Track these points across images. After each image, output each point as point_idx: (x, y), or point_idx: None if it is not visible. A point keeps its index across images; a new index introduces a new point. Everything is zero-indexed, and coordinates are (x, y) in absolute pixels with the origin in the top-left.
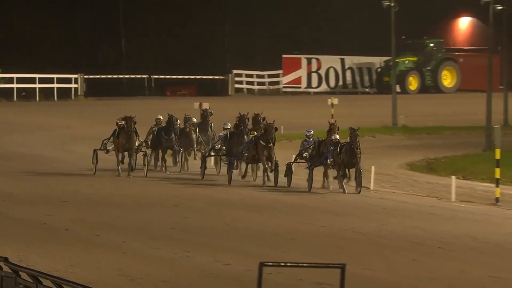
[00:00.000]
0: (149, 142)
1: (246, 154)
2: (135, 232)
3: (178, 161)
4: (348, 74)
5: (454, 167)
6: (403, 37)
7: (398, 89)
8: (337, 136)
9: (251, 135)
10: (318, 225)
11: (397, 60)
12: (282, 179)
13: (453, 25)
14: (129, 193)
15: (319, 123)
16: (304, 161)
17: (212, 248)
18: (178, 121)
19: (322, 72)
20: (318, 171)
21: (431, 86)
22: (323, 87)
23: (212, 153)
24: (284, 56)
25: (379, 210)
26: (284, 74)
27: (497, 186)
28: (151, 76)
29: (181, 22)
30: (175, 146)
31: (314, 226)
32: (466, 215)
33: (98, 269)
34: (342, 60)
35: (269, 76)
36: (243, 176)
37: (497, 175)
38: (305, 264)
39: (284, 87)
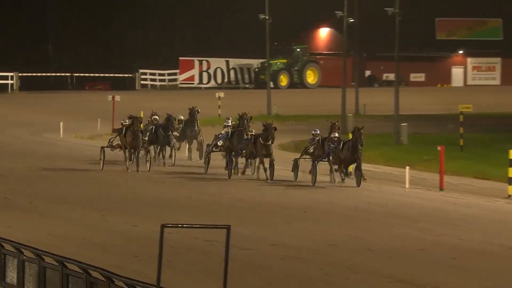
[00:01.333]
0: (146, 139)
1: (244, 151)
2: (61, 201)
3: (172, 156)
4: (232, 73)
5: None
6: (276, 43)
7: (271, 85)
8: (337, 134)
9: (250, 133)
10: (208, 194)
11: (270, 62)
12: (277, 174)
13: (315, 34)
14: (59, 167)
15: (209, 112)
16: (309, 157)
17: (124, 214)
18: (177, 119)
19: (211, 71)
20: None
21: (298, 83)
22: (212, 83)
23: (215, 150)
24: (180, 58)
25: (258, 182)
26: (180, 73)
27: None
28: (73, 74)
29: (99, 29)
30: (172, 142)
31: (206, 195)
32: (326, 184)
33: (30, 230)
34: (227, 62)
35: (169, 74)
36: (243, 172)
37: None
38: (197, 225)
39: (180, 83)
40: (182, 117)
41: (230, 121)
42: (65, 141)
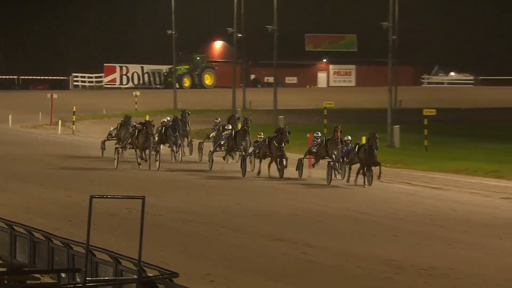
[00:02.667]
0: (156, 139)
1: (258, 151)
2: (14, 178)
3: (178, 153)
4: (146, 76)
5: None
6: (180, 53)
7: (177, 86)
8: (349, 137)
9: (259, 136)
10: (132, 173)
11: (176, 67)
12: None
13: (211, 46)
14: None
15: (127, 107)
16: (313, 156)
17: (62, 188)
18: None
19: (129, 75)
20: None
21: (197, 84)
22: (130, 84)
23: (218, 149)
24: (105, 64)
25: (172, 165)
26: (105, 76)
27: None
28: (19, 76)
29: (41, 39)
30: (178, 141)
31: (129, 173)
32: (220, 161)
33: None
34: (142, 67)
35: (96, 77)
36: (258, 173)
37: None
38: (119, 196)
39: (105, 84)
40: (169, 118)
41: (230, 125)
42: (13, 130)
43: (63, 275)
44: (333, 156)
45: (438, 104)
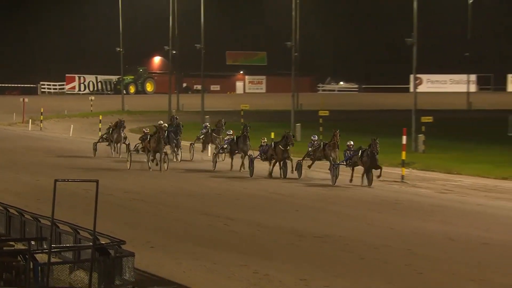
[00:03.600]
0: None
1: (264, 155)
2: None
3: (178, 154)
4: (99, 84)
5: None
6: (127, 66)
7: (124, 92)
8: (352, 142)
9: (263, 141)
10: (89, 160)
11: (123, 77)
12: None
13: (152, 60)
14: None
15: (85, 109)
16: (310, 159)
17: (32, 173)
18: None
19: (86, 83)
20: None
21: (141, 91)
22: (86, 91)
23: (221, 151)
24: (67, 75)
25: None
26: (66, 84)
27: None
28: None
29: (15, 53)
30: (180, 144)
31: (86, 160)
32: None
33: None
34: (96, 77)
35: (59, 85)
36: (270, 174)
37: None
38: (78, 180)
39: (66, 91)
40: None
41: (231, 131)
42: None
43: (33, 242)
44: (331, 158)
45: (330, 107)
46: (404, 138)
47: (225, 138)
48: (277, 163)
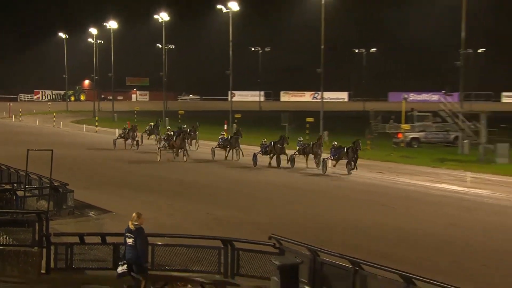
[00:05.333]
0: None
1: (262, 150)
2: None
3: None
4: (54, 95)
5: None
6: (77, 87)
7: (68, 100)
8: (336, 142)
9: (264, 141)
10: (110, 151)
11: (68, 91)
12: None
13: (84, 81)
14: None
15: (45, 109)
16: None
17: (12, 145)
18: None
19: (46, 94)
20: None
21: (77, 99)
22: (46, 99)
23: (217, 147)
24: (35, 90)
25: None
26: (35, 95)
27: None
28: None
29: (2, 74)
30: (187, 144)
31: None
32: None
33: None
34: (52, 92)
35: (30, 96)
36: (269, 164)
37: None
38: (38, 149)
39: (35, 99)
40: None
41: (223, 133)
42: None
43: (15, 184)
44: (318, 153)
45: (185, 109)
46: (226, 126)
47: (220, 137)
48: (274, 156)
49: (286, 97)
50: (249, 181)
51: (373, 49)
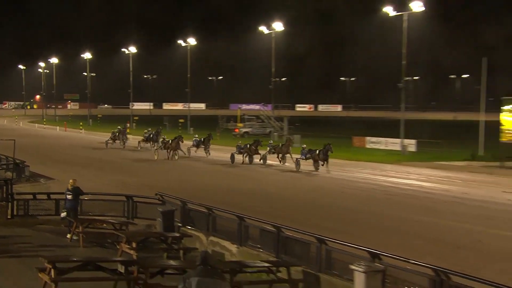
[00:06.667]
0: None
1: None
2: None
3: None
4: (16, 105)
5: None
6: (26, 99)
7: (25, 108)
8: (305, 145)
9: (240, 143)
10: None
11: (25, 103)
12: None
13: (36, 96)
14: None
15: (11, 114)
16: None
17: None
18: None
19: (11, 105)
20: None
21: (31, 108)
22: (11, 107)
23: (193, 147)
24: (3, 101)
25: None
26: (3, 105)
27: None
28: None
29: None
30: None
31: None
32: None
33: None
34: (15, 103)
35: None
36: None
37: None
38: (6, 139)
39: (2, 107)
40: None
41: (196, 136)
42: None
43: None
44: (286, 154)
45: (103, 113)
46: (128, 124)
47: (193, 139)
48: (247, 156)
49: (167, 106)
50: (184, 165)
51: (220, 77)
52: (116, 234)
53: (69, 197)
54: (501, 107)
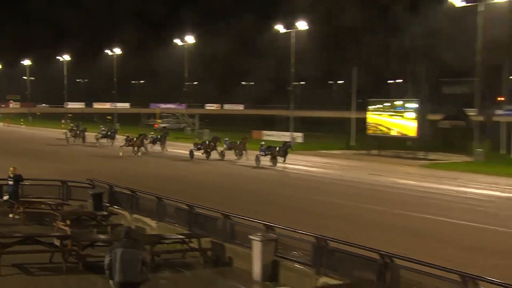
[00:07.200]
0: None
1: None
2: None
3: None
4: None
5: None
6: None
7: None
8: (263, 143)
9: (201, 139)
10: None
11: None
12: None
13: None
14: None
15: None
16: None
17: None
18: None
19: None
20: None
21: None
22: None
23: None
24: None
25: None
26: None
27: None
28: None
29: None
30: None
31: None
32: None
33: None
34: None
35: None
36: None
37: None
38: None
39: None
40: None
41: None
42: None
43: None
44: (243, 151)
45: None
46: (63, 120)
47: (150, 136)
48: (206, 152)
49: (97, 105)
50: (127, 157)
51: (142, 81)
52: (53, 213)
53: (10, 182)
54: (368, 107)
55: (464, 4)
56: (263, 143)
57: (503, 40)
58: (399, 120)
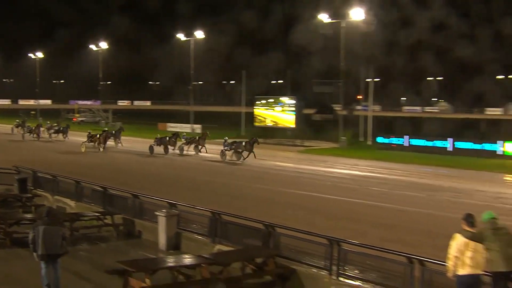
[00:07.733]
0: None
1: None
2: None
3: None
4: None
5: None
6: None
7: None
8: (227, 137)
9: (158, 135)
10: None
11: None
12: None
13: None
14: None
15: None
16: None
17: None
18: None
19: None
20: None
21: None
22: None
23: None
24: None
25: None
26: None
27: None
28: None
29: None
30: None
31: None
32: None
33: None
34: None
35: None
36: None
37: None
38: None
39: None
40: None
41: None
42: None
43: None
44: (204, 146)
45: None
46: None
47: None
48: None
49: (22, 102)
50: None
51: (62, 80)
52: None
53: None
54: (255, 102)
55: (330, 20)
56: (227, 138)
57: (360, 50)
58: (281, 114)
